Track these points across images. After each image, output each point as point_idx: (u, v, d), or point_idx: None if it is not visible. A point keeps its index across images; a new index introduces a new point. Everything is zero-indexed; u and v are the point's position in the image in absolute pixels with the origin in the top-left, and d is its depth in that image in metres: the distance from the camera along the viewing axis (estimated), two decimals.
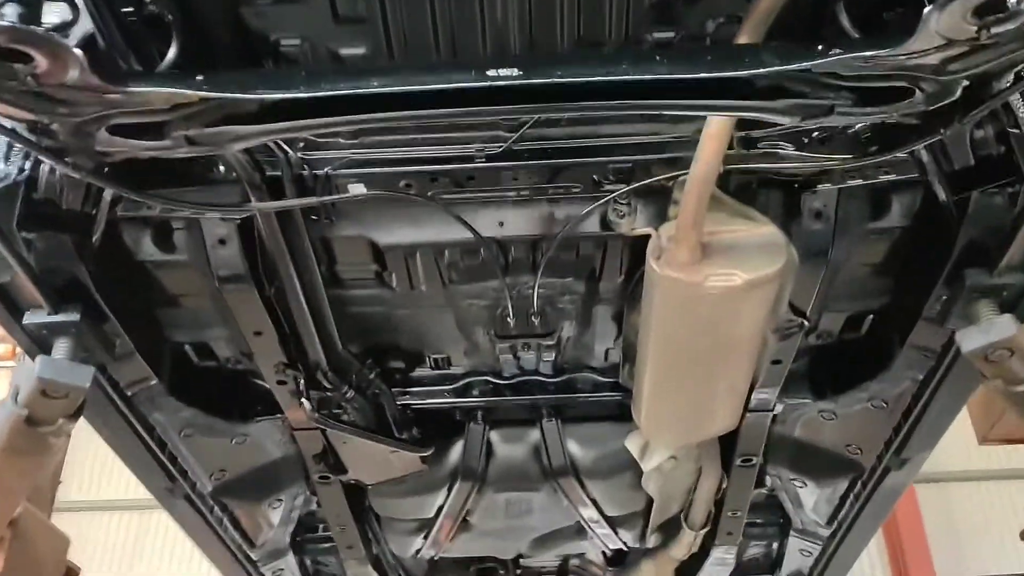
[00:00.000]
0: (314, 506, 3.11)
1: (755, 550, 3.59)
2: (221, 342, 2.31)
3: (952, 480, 11.46)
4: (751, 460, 2.69)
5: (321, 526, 3.36)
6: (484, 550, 3.24)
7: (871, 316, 2.30)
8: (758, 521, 3.36)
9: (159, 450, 2.44)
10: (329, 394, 2.32)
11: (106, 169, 1.55)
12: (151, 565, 12.24)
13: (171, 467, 2.53)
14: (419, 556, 3.18)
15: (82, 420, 1.95)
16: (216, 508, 2.80)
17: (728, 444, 2.68)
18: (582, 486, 2.75)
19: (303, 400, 2.26)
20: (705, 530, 2.95)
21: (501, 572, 3.58)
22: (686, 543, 3.03)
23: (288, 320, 2.11)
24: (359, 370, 2.33)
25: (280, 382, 2.27)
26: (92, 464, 12.69)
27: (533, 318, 2.17)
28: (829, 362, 2.52)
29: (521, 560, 3.69)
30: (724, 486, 2.72)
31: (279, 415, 2.51)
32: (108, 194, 1.76)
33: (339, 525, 2.98)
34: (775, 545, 3.52)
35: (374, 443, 2.45)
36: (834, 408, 2.50)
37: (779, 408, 2.52)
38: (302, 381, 2.23)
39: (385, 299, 2.19)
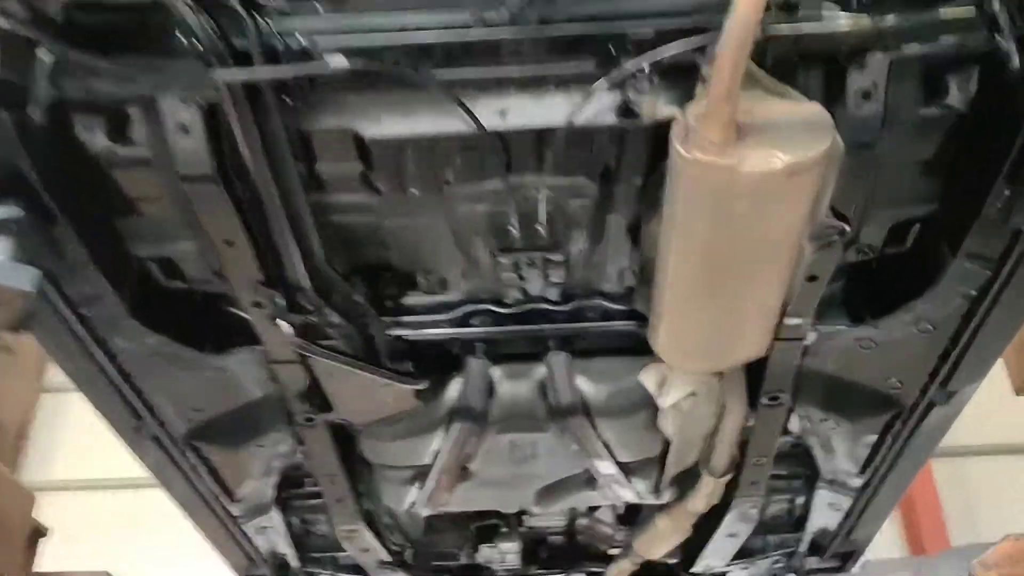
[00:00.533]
0: (299, 457, 2.92)
1: (777, 506, 3.39)
2: (189, 258, 2.09)
3: (969, 455, 11.33)
4: (779, 398, 2.49)
5: (308, 480, 3.17)
6: (485, 502, 3.04)
7: (918, 225, 2.09)
8: (782, 473, 3.16)
9: (122, 381, 2.24)
10: (311, 319, 2.10)
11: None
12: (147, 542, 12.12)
13: (136, 402, 2.33)
14: (415, 510, 2.98)
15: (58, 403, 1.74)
16: (190, 453, 2.60)
17: (753, 381, 2.47)
18: (593, 426, 2.54)
19: (281, 323, 2.04)
20: (727, 477, 2.74)
21: (504, 530, 3.38)
22: (706, 494, 2.82)
23: (263, 229, 1.90)
24: (345, 291, 2.12)
25: (256, 304, 2.05)
26: (78, 442, 12.60)
27: (539, 227, 1.96)
28: (868, 284, 2.31)
29: (525, 517, 3.50)
30: (749, 424, 2.51)
31: (257, 347, 2.31)
32: (48, 59, 1.55)
33: (327, 475, 2.78)
34: (799, 500, 3.32)
35: (363, 375, 2.23)
36: (873, 335, 2.29)
37: (811, 338, 2.31)
38: (279, 301, 2.02)
39: (372, 206, 1.97)
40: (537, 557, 3.77)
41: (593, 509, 3.61)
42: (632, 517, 3.54)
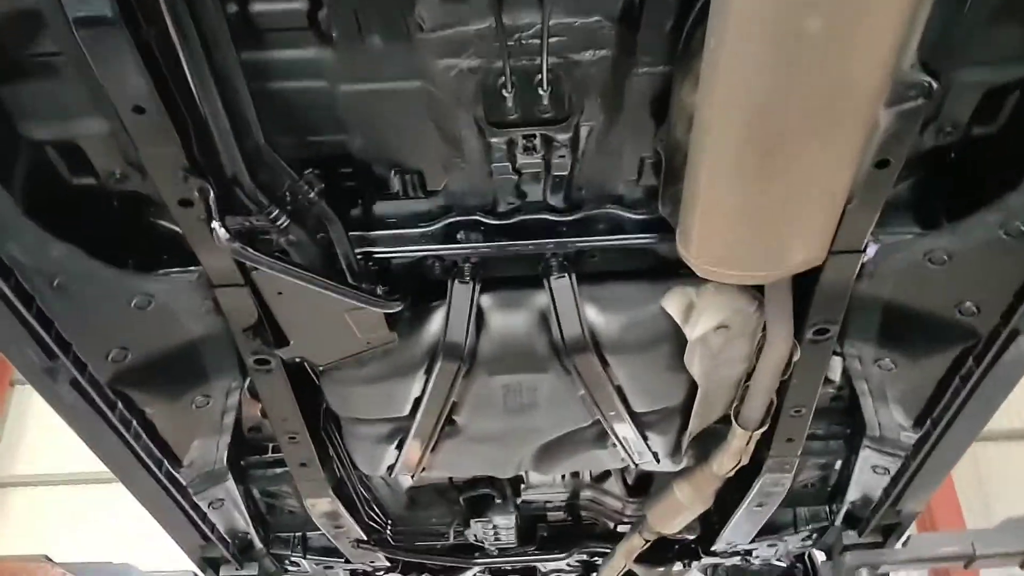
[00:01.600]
0: (255, 415, 2.52)
1: (810, 473, 3.01)
2: (97, 142, 1.69)
3: (983, 440, 11.05)
4: (827, 331, 2.09)
5: (271, 446, 2.77)
6: (476, 466, 2.65)
7: (1015, 95, 1.70)
8: (818, 432, 2.77)
9: (25, 309, 1.84)
10: (255, 221, 1.70)
11: None
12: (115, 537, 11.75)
13: (47, 337, 1.92)
14: (394, 477, 2.59)
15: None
16: (120, 405, 2.20)
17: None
18: (604, 365, 2.14)
19: (215, 224, 1.63)
20: (761, 431, 2.35)
21: (498, 501, 2.99)
22: (735, 451, 2.43)
23: (184, 93, 1.49)
24: (295, 187, 1.72)
25: (184, 203, 1.64)
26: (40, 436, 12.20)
27: (541, 92, 1.56)
28: (943, 182, 1.92)
29: (523, 488, 3.11)
30: (794, 360, 2.11)
31: (193, 267, 1.92)
32: None
33: (287, 433, 2.37)
34: (837, 465, 2.93)
35: (323, 294, 1.81)
36: (947, 245, 1.90)
37: (871, 251, 1.92)
38: (212, 195, 1.61)
39: (323, 65, 1.57)
40: (535, 536, 3.39)
41: (600, 480, 3.23)
42: (644, 488, 3.16)
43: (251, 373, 2.16)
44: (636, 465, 2.61)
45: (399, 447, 2.45)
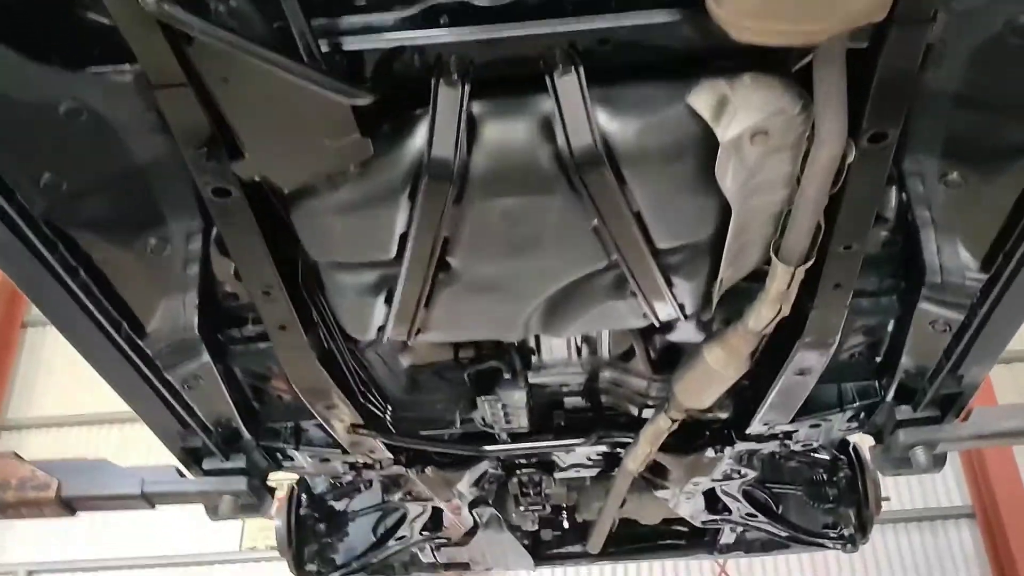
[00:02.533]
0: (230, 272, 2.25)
1: (857, 339, 2.71)
2: None
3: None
4: (886, 135, 1.78)
5: (251, 316, 2.51)
6: (478, 325, 2.36)
7: None
8: (868, 288, 2.48)
9: None
10: None
11: None
12: None
13: None
14: (387, 341, 2.32)
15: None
16: (61, 247, 1.93)
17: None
18: (620, 182, 1.84)
19: None
20: (806, 266, 2.04)
21: (507, 376, 2.72)
22: (775, 296, 2.13)
23: None
24: None
25: None
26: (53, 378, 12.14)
27: None
28: None
29: (534, 367, 2.84)
30: (848, 161, 1.79)
31: (128, 63, 1.64)
32: None
33: (260, 285, 2.09)
34: (889, 327, 2.63)
35: (276, 79, 1.52)
36: None
37: (940, 23, 1.61)
38: None
39: None
40: (551, 426, 3.13)
41: (622, 359, 2.95)
42: (670, 366, 2.88)
43: (211, 209, 1.88)
44: (659, 324, 2.32)
45: (388, 301, 2.18)
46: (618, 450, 3.26)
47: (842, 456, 3.64)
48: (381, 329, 2.27)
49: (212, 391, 2.59)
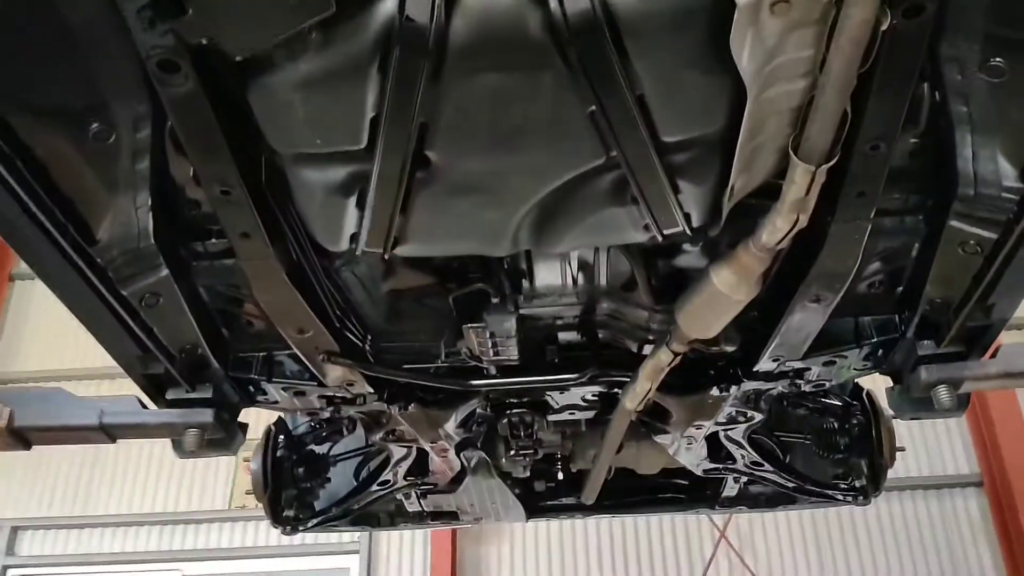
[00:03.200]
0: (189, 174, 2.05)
1: (878, 266, 2.52)
2: None
3: None
4: (923, 7, 1.57)
5: (216, 229, 2.31)
6: (462, 236, 2.16)
7: None
8: (892, 205, 2.28)
9: None
10: None
11: None
12: None
13: None
14: (360, 252, 2.12)
15: None
16: None
17: None
18: (621, 55, 1.63)
19: None
20: (828, 165, 1.83)
21: (494, 301, 2.52)
22: (792, 202, 1.90)
23: None
24: None
25: None
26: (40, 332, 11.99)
27: None
28: None
29: (525, 292, 2.63)
30: (882, 29, 1.58)
31: None
32: None
33: (216, 181, 1.89)
34: (913, 251, 2.43)
35: None
36: None
37: None
38: None
39: None
40: (543, 361, 2.94)
41: (622, 289, 2.75)
42: (674, 294, 2.68)
43: (158, 88, 1.67)
44: (662, 238, 2.13)
45: (361, 204, 1.98)
46: (615, 390, 3.08)
47: (855, 402, 3.45)
48: (355, 239, 2.08)
49: (174, 312, 2.40)
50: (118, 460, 11.56)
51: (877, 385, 3.13)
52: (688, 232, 2.11)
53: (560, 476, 4.30)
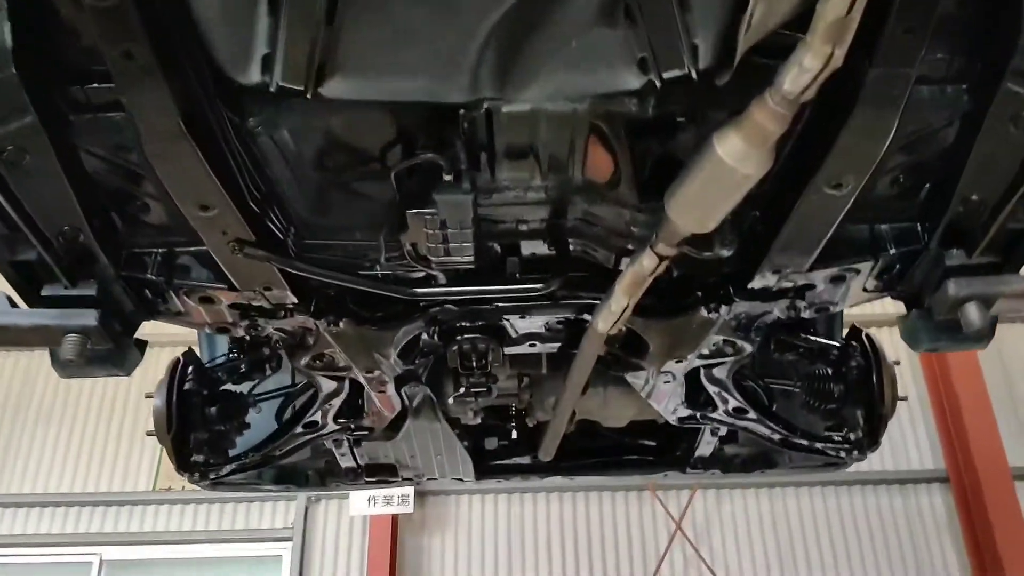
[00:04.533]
0: None
1: (902, 158, 2.16)
2: None
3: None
4: None
5: (99, 70, 1.86)
6: (403, 70, 1.73)
7: None
8: (932, 72, 1.92)
9: None
10: None
11: None
12: None
13: None
14: (274, 88, 1.70)
15: None
16: None
17: None
18: None
19: None
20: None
21: (447, 178, 2.09)
22: (827, 30, 1.53)
23: None
24: None
25: None
26: None
27: None
28: None
29: (483, 183, 2.20)
30: None
31: None
32: None
33: None
34: (951, 135, 2.08)
35: None
36: None
37: None
38: None
39: None
40: (502, 275, 2.53)
41: (601, 187, 2.35)
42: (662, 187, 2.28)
43: None
44: (660, 82, 1.74)
45: (274, 10, 1.56)
46: (584, 316, 2.69)
47: (853, 343, 3.09)
48: (267, 64, 1.66)
49: (46, 178, 1.96)
50: (35, 436, 10.95)
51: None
52: (693, 75, 1.72)
53: (514, 436, 3.91)
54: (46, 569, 10.23)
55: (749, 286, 2.46)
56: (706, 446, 3.60)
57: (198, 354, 3.34)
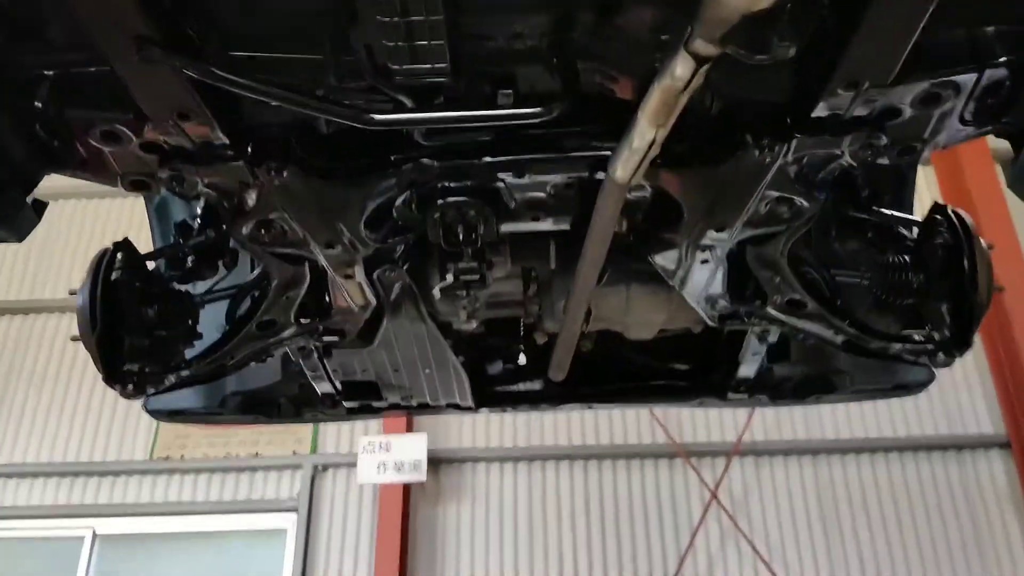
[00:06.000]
0: None
1: None
2: None
3: None
4: None
5: None
6: None
7: None
8: None
9: None
10: None
11: None
12: None
13: None
14: None
15: None
16: None
17: None
18: None
19: None
20: None
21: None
22: None
23: None
24: None
25: None
26: None
27: None
28: None
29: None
30: None
31: None
32: None
33: None
34: None
35: None
36: None
37: None
38: None
39: None
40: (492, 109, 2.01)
41: None
42: None
43: None
44: None
45: None
46: (599, 175, 2.18)
47: (939, 217, 2.55)
48: None
49: None
50: (26, 402, 10.59)
51: None
52: None
53: (522, 360, 3.40)
54: (33, 546, 9.85)
55: (814, 114, 1.94)
56: (751, 363, 3.06)
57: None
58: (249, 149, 2.02)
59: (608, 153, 2.01)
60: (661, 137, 1.88)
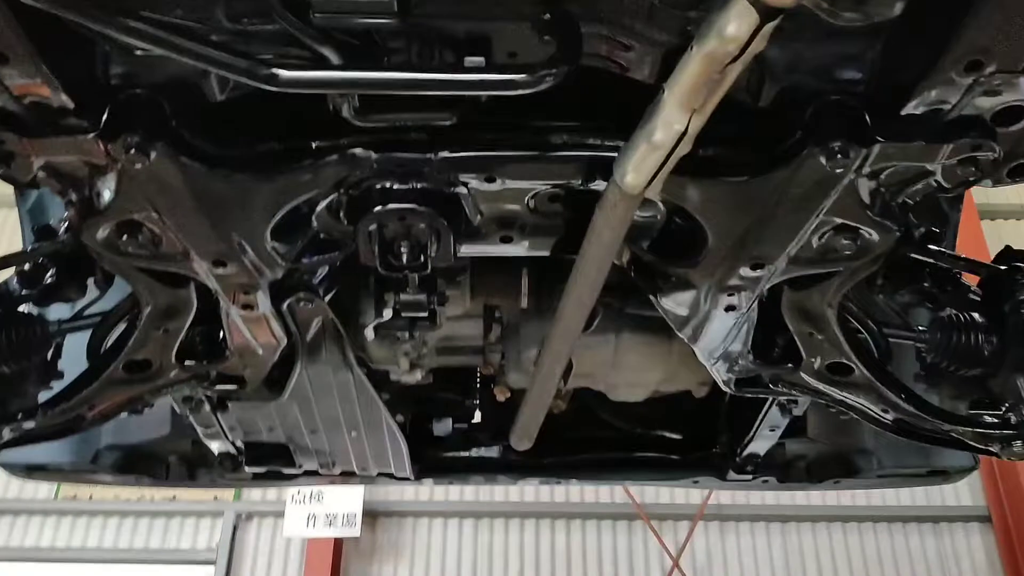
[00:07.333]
0: None
1: None
2: None
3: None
4: None
5: None
6: None
7: None
8: None
9: None
10: None
11: None
12: None
13: None
14: None
15: None
16: None
17: None
18: None
19: None
20: None
21: None
22: None
23: None
24: None
25: None
26: None
27: None
28: None
29: None
30: None
31: None
32: None
33: None
34: None
35: None
36: None
37: None
38: None
39: None
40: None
41: None
42: None
43: None
44: None
45: None
46: (598, 184, 1.63)
47: (1008, 266, 2.02)
48: None
49: None
50: None
51: None
52: None
53: (477, 416, 2.83)
54: None
55: (905, 111, 1.42)
56: (765, 439, 2.51)
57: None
58: (103, 116, 1.44)
59: (613, 153, 1.47)
60: (695, 128, 1.35)
